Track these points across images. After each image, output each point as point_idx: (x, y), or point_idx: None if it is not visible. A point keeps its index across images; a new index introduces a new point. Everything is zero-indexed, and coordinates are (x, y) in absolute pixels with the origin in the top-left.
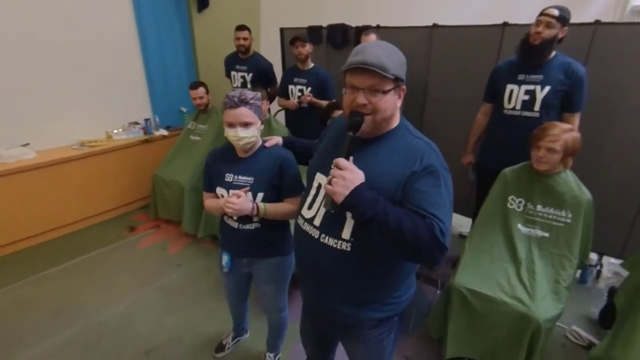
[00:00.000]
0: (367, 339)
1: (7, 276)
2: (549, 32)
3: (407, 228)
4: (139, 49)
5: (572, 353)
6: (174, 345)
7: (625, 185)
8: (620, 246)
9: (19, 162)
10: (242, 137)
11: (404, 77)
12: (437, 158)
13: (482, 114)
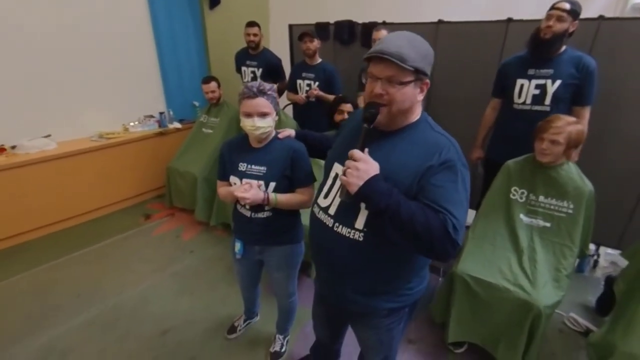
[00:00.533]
0: (379, 327)
1: (32, 260)
2: (560, 25)
3: (420, 222)
4: (153, 46)
5: (569, 339)
6: (189, 326)
7: (625, 178)
8: (618, 237)
9: (41, 153)
10: (259, 126)
11: (429, 70)
12: (455, 153)
13: (491, 108)
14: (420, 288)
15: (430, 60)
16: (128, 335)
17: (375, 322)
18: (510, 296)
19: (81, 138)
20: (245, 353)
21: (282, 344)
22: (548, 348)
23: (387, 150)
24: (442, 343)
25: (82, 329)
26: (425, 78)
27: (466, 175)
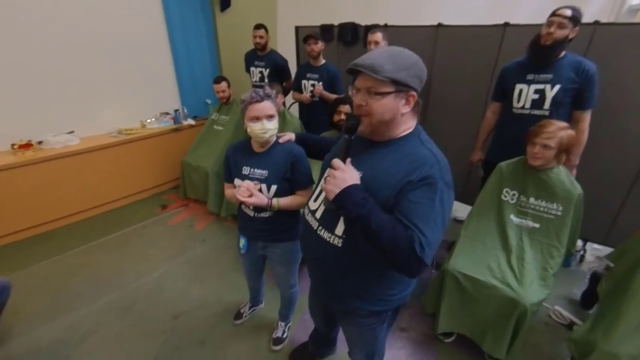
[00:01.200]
0: (361, 325)
1: (57, 247)
2: (560, 32)
3: (386, 235)
4: (168, 47)
5: (554, 331)
6: (199, 311)
7: (614, 177)
8: (604, 233)
9: (65, 148)
10: (268, 128)
11: (414, 82)
12: (439, 171)
13: (491, 112)
14: (404, 294)
15: (415, 72)
16: (143, 319)
17: (357, 321)
18: (498, 293)
19: (102, 134)
20: (250, 338)
21: (283, 330)
22: (533, 339)
23: (375, 160)
24: (433, 332)
25: (102, 312)
26: (409, 90)
27: (446, 194)
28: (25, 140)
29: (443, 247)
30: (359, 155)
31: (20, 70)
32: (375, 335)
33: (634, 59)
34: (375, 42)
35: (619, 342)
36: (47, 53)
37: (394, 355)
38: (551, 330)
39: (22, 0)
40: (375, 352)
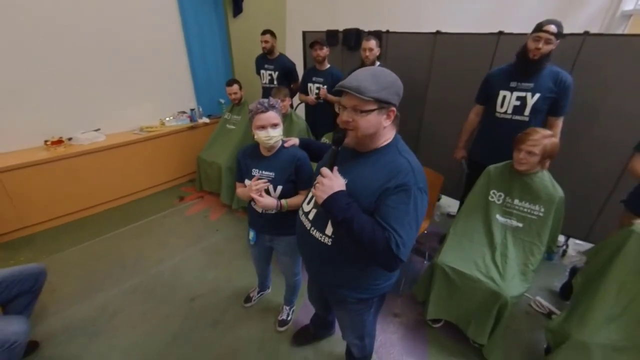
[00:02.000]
0: (350, 310)
1: (88, 234)
2: (547, 47)
3: (367, 236)
4: (185, 50)
5: (534, 319)
6: (212, 295)
7: (597, 178)
8: (587, 230)
9: (93, 144)
10: (272, 136)
11: (394, 99)
12: (413, 178)
13: (474, 114)
14: (388, 283)
15: (395, 90)
16: (164, 301)
17: (346, 307)
18: (482, 286)
19: (125, 131)
20: (258, 319)
21: (288, 313)
22: (514, 326)
23: (359, 169)
24: (423, 318)
25: (127, 294)
26: (389, 106)
27: (420, 198)
28: (57, 137)
29: (435, 239)
30: (345, 164)
31: (52, 73)
32: (363, 319)
33: (621, 68)
34: (370, 49)
35: (590, 333)
36: (74, 57)
37: (387, 338)
38: (531, 319)
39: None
40: (365, 334)
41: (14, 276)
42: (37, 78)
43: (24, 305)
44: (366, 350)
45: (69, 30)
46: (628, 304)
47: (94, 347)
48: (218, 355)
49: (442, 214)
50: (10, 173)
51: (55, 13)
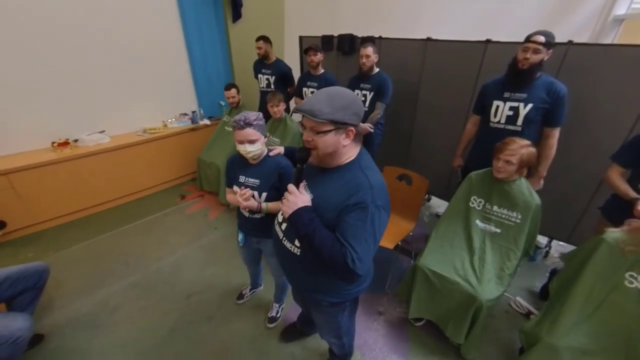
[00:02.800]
0: (324, 313)
1: (92, 231)
2: (536, 57)
3: (326, 251)
4: (186, 54)
5: (513, 319)
6: (209, 291)
7: (580, 182)
8: (569, 232)
9: (97, 146)
10: (250, 151)
11: (350, 119)
12: (371, 196)
13: (472, 124)
14: (360, 288)
15: (352, 111)
16: (163, 297)
17: (321, 309)
18: (460, 289)
19: (129, 133)
20: (250, 315)
21: (277, 311)
22: (493, 325)
23: (324, 185)
24: (406, 316)
25: (128, 290)
26: (347, 126)
27: (377, 215)
28: (63, 139)
29: (422, 239)
30: (313, 180)
31: (58, 76)
32: (337, 321)
33: (605, 77)
34: (367, 55)
35: (559, 336)
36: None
37: (371, 335)
38: (510, 318)
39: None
40: (342, 333)
41: (19, 273)
42: (43, 81)
43: (29, 301)
44: (345, 348)
45: (74, 35)
46: (595, 309)
47: (96, 340)
48: (212, 349)
49: (431, 214)
50: (19, 174)
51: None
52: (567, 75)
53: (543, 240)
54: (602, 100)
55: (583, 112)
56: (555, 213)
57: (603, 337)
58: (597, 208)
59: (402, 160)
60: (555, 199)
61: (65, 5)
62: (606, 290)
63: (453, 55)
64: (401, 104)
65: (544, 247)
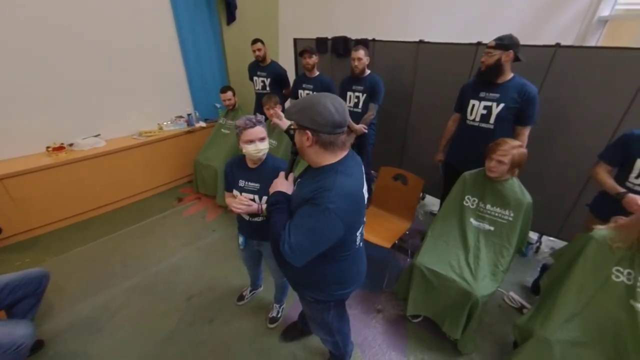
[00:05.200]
0: (311, 308)
1: (91, 235)
2: (490, 59)
3: (274, 231)
4: (180, 57)
5: (506, 313)
6: (208, 293)
7: (569, 180)
8: (558, 228)
9: (93, 150)
10: (261, 149)
11: (306, 123)
12: (327, 197)
13: (452, 121)
14: (344, 292)
15: (308, 115)
16: (163, 299)
17: (307, 304)
18: (456, 286)
19: (125, 136)
20: (251, 316)
21: (278, 311)
22: (487, 319)
23: (305, 180)
24: (403, 314)
25: (129, 292)
26: (304, 129)
27: (324, 216)
28: (58, 143)
29: (418, 236)
30: (304, 176)
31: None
32: (323, 318)
33: (591, 79)
34: (358, 58)
35: (552, 330)
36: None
37: (370, 332)
38: (504, 312)
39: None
40: (334, 331)
41: (18, 280)
42: (37, 85)
43: (29, 308)
44: (340, 348)
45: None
46: (586, 304)
47: (97, 344)
48: (213, 350)
49: (425, 212)
50: (14, 179)
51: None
52: (555, 77)
53: (534, 236)
54: (589, 101)
55: (570, 113)
56: (545, 210)
57: (592, 330)
58: (585, 205)
59: (396, 159)
60: (545, 197)
61: (58, 9)
62: (595, 286)
63: (445, 57)
64: (395, 105)
65: (534, 243)
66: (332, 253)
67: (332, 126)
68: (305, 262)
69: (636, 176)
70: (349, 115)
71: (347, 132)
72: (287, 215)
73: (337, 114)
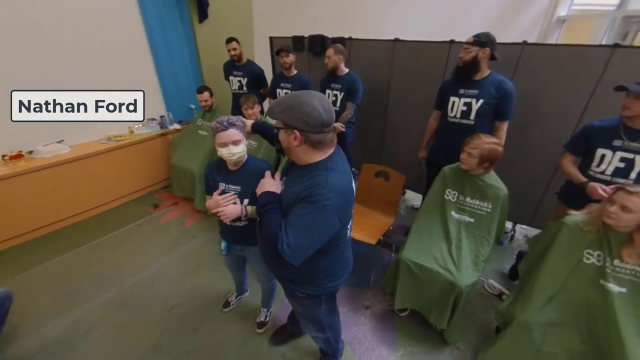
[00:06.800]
0: (302, 305)
1: (59, 248)
2: (467, 55)
3: (268, 232)
4: (150, 56)
5: (487, 300)
6: (192, 302)
7: (539, 171)
8: (530, 217)
9: (56, 157)
10: (234, 152)
11: (292, 122)
12: (322, 194)
13: (433, 118)
14: (335, 284)
15: (294, 115)
16: (142, 312)
17: (297, 300)
18: (441, 277)
19: (92, 141)
20: (239, 323)
21: (266, 315)
22: (470, 308)
23: (294, 179)
24: (391, 308)
25: (104, 308)
26: (291, 129)
27: (321, 213)
28: (16, 151)
29: (402, 231)
30: (291, 174)
31: (6, 82)
32: (315, 314)
33: (555, 74)
34: (328, 57)
35: (531, 314)
36: (31, 64)
37: (360, 329)
38: (485, 300)
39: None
40: (326, 328)
41: None
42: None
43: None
44: (332, 344)
45: (26, 35)
46: (561, 287)
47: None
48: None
49: (407, 207)
50: None
51: (8, 14)
52: (523, 73)
53: (508, 225)
54: (554, 94)
55: (537, 106)
56: (518, 199)
57: (567, 310)
58: (554, 193)
59: (376, 156)
60: (517, 187)
61: (16, 4)
62: (568, 269)
63: (420, 55)
64: (373, 103)
65: (509, 232)
66: (324, 247)
67: (321, 125)
68: (303, 260)
69: (597, 165)
70: (334, 113)
71: (333, 129)
72: (280, 215)
73: (325, 114)
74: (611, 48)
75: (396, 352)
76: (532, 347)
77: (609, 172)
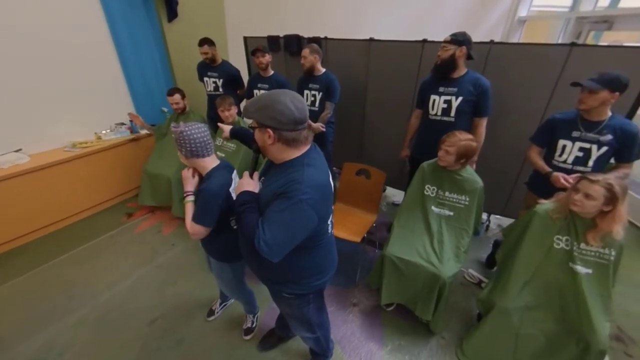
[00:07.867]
0: (290, 305)
1: (23, 265)
2: (445, 53)
3: (247, 230)
4: (116, 57)
5: (468, 289)
6: (174, 313)
7: (509, 164)
8: (502, 207)
9: (14, 167)
10: None
11: (266, 121)
12: (298, 189)
13: (415, 117)
14: (321, 281)
15: (268, 114)
16: (120, 328)
17: (285, 301)
18: (424, 270)
19: (54, 149)
20: (225, 331)
21: (252, 321)
22: (452, 298)
23: (271, 177)
24: (377, 304)
25: (77, 326)
26: (264, 128)
27: (298, 208)
28: None
29: (384, 228)
30: (269, 173)
31: None
32: (303, 313)
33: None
34: (304, 57)
35: (510, 300)
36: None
37: (348, 327)
38: (465, 289)
39: None
40: (315, 327)
41: None
42: None
43: None
44: (322, 343)
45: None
46: (534, 272)
47: None
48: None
49: (388, 203)
50: None
51: None
52: (491, 70)
53: (483, 215)
54: (520, 90)
55: (506, 101)
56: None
57: (541, 293)
58: (524, 183)
59: (356, 155)
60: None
61: None
62: (541, 254)
63: (395, 54)
64: (351, 102)
65: (484, 222)
66: (306, 244)
67: (294, 123)
68: (282, 257)
69: (559, 154)
70: (308, 111)
71: (308, 127)
72: (257, 213)
73: (297, 112)
74: (569, 47)
75: (385, 347)
76: (511, 331)
77: (569, 161)
